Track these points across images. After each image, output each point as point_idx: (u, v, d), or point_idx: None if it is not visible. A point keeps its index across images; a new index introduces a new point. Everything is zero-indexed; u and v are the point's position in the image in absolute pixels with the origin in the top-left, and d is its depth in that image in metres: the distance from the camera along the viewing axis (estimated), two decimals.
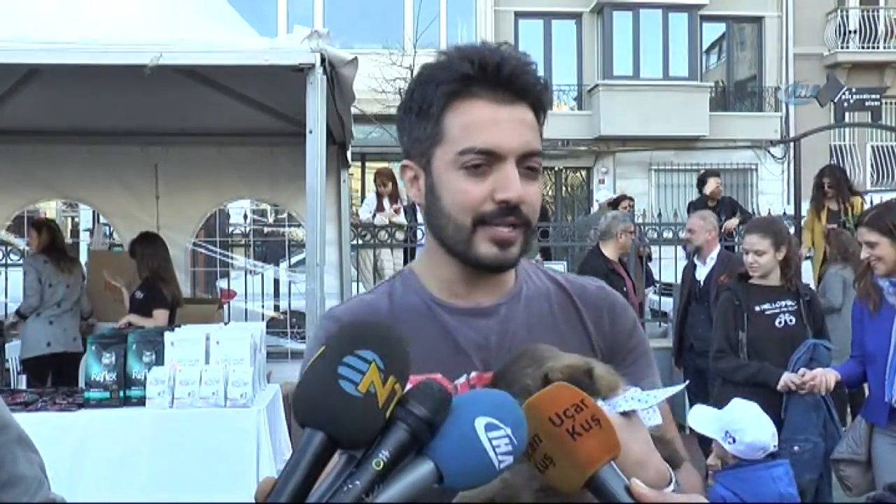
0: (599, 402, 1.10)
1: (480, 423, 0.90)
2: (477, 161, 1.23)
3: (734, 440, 3.40)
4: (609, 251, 6.18)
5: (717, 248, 6.10)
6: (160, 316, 5.65)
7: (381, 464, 0.86)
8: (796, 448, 3.97)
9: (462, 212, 1.25)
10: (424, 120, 1.27)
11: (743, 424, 3.42)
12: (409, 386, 0.94)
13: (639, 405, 1.11)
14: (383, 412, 0.89)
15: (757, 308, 4.32)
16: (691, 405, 3.95)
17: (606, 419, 0.98)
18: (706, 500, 1.01)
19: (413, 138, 1.30)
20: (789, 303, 4.31)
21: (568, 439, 0.95)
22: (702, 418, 3.61)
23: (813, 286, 6.30)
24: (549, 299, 1.39)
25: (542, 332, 1.33)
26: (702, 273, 6.08)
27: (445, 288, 1.34)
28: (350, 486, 0.85)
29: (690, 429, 3.69)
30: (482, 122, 1.24)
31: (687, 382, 1.63)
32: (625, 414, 1.09)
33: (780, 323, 4.30)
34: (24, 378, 5.64)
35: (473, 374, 1.28)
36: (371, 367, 0.89)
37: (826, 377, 3.96)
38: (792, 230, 8.50)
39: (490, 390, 1.01)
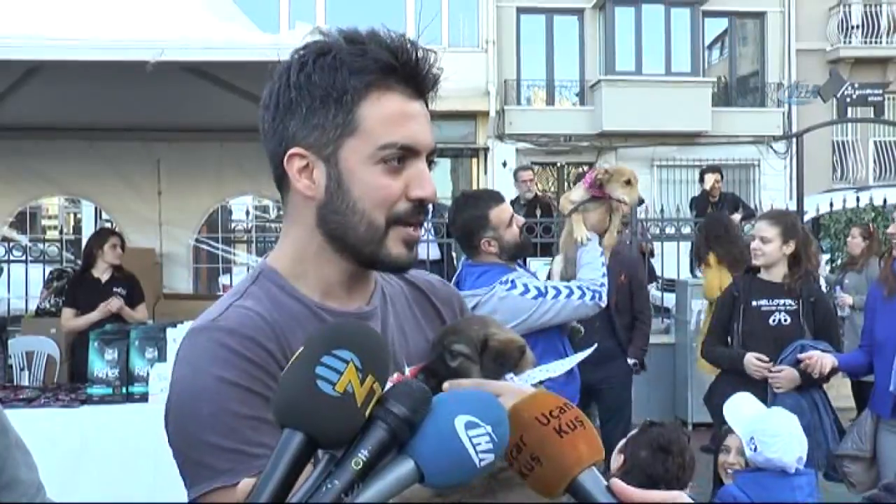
0: (513, 377, 1.14)
1: (460, 421, 0.90)
2: (397, 156, 1.19)
3: (756, 449, 3.26)
4: None
5: None
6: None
7: (361, 463, 0.86)
8: None
9: (377, 208, 1.19)
10: (331, 107, 1.18)
11: (772, 438, 3.27)
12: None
13: (551, 374, 1.18)
14: (362, 411, 0.89)
15: (754, 303, 4.30)
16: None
17: (589, 423, 0.99)
18: (689, 500, 1.00)
19: (311, 125, 1.19)
20: (789, 302, 4.24)
21: (555, 437, 0.96)
22: (738, 412, 3.51)
23: None
24: (406, 297, 1.38)
25: (410, 331, 1.33)
26: None
27: (322, 290, 1.26)
28: (329, 485, 0.85)
29: (694, 424, 3.67)
30: (401, 115, 1.19)
31: (591, 349, 1.66)
32: (537, 386, 1.15)
33: (773, 321, 4.26)
34: (26, 374, 5.66)
35: (396, 374, 1.25)
36: (348, 366, 0.88)
37: (822, 360, 3.93)
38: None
39: (472, 390, 1.02)
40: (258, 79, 5.08)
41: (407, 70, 1.19)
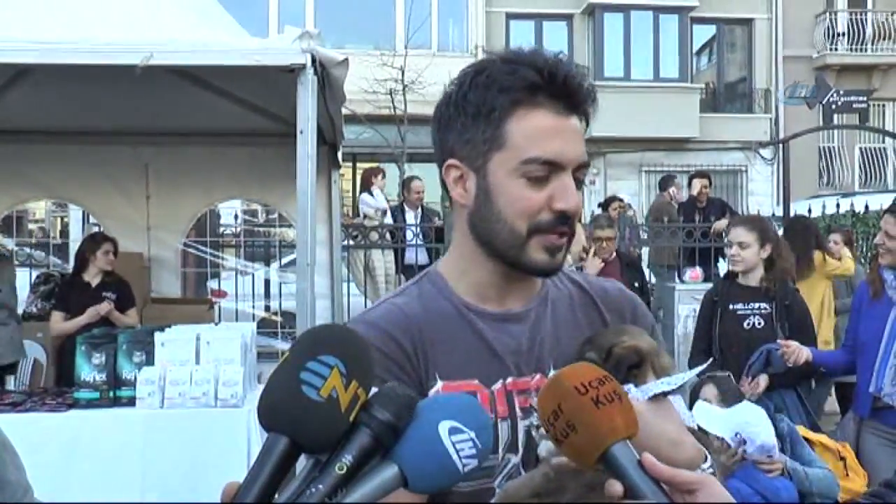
0: (632, 388, 1.15)
1: (444, 427, 0.92)
2: (540, 172, 1.24)
3: (745, 441, 3.34)
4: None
5: None
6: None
7: (345, 467, 0.87)
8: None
9: (519, 218, 1.25)
10: (482, 123, 1.25)
11: (755, 427, 3.38)
12: (451, 393, 0.95)
13: (667, 387, 1.17)
14: (346, 416, 0.90)
15: (731, 307, 4.35)
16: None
17: (627, 397, 1.01)
18: (716, 481, 1.02)
19: (464, 139, 1.28)
20: (763, 305, 4.30)
21: (592, 406, 0.98)
22: (709, 416, 3.51)
23: None
24: (572, 302, 1.40)
25: (567, 335, 1.35)
26: None
27: (477, 292, 1.34)
28: (313, 489, 0.86)
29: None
30: (546, 131, 1.24)
31: (707, 363, 1.60)
32: (655, 399, 1.15)
33: (748, 324, 4.31)
34: (12, 379, 5.62)
35: (510, 379, 1.29)
36: (333, 371, 0.89)
37: (799, 351, 3.96)
38: (781, 231, 8.55)
39: (455, 394, 1.02)
40: (247, 83, 5.11)
41: (554, 87, 1.24)
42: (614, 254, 6.23)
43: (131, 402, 4.12)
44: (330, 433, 0.89)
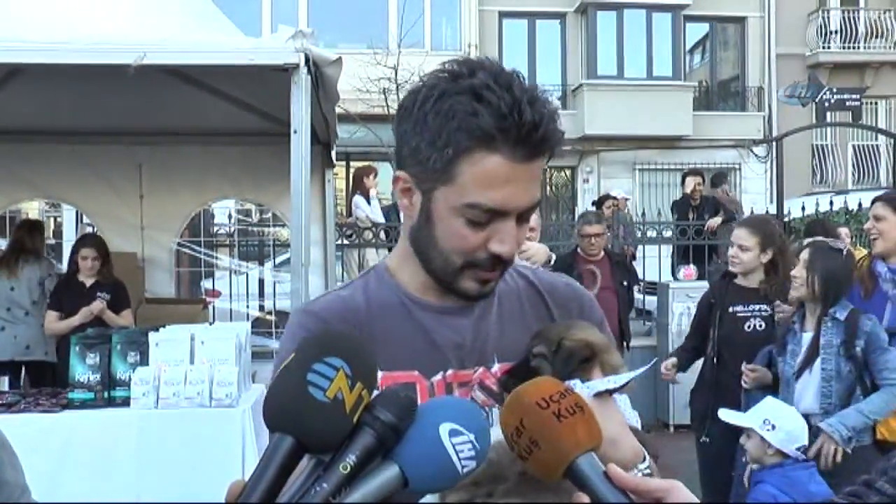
0: (578, 383, 1.15)
1: (445, 429, 0.93)
2: (481, 218, 1.22)
3: (774, 427, 3.30)
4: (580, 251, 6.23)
5: None
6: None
7: (349, 467, 0.89)
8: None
9: (455, 252, 1.26)
10: (435, 153, 1.21)
11: (781, 414, 3.37)
12: (380, 384, 0.96)
13: (613, 385, 1.18)
14: (350, 417, 0.91)
15: (731, 309, 4.32)
16: None
17: (589, 409, 1.01)
18: (686, 490, 1.02)
19: (416, 159, 1.24)
20: (764, 308, 4.27)
21: (554, 421, 0.98)
22: (734, 414, 3.57)
23: None
24: (520, 297, 1.41)
25: (513, 329, 1.35)
26: None
27: (421, 286, 1.34)
28: (318, 488, 0.88)
29: (675, 426, 3.71)
30: (497, 179, 1.20)
31: (651, 364, 1.55)
32: (599, 396, 1.16)
33: (748, 327, 4.28)
34: (6, 380, 5.60)
35: (450, 371, 1.30)
36: (339, 373, 0.91)
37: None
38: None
39: (454, 397, 1.03)
40: (240, 82, 5.10)
41: (513, 136, 1.18)
42: (602, 252, 6.17)
43: (126, 402, 4.11)
44: (335, 434, 0.91)
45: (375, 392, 0.96)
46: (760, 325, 4.27)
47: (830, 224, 6.52)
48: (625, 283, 6.22)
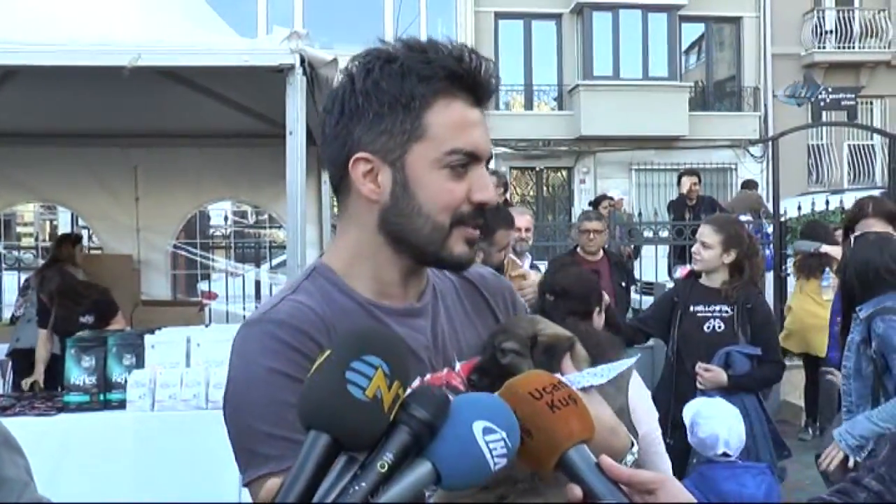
0: (558, 377, 1.16)
1: (478, 426, 0.94)
2: (462, 161, 1.22)
3: (693, 431, 3.46)
4: (580, 251, 6.24)
5: None
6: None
7: (386, 466, 0.89)
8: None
9: (443, 211, 1.23)
10: (398, 113, 1.21)
11: (706, 419, 3.43)
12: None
13: (601, 380, 1.19)
14: (388, 416, 0.91)
15: (692, 308, 4.26)
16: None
17: (582, 401, 1.02)
18: (677, 481, 1.02)
19: (378, 130, 1.22)
20: (725, 308, 4.19)
21: (548, 412, 0.98)
22: (688, 405, 3.65)
23: None
24: (458, 291, 1.41)
25: (461, 325, 1.36)
26: None
27: (377, 288, 1.29)
28: (356, 486, 0.87)
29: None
30: (465, 123, 1.23)
31: (636, 359, 1.54)
32: (584, 390, 1.16)
33: (707, 327, 4.22)
34: (0, 382, 5.58)
35: (428, 375, 1.28)
36: (378, 372, 0.91)
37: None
38: (770, 229, 8.57)
39: (485, 394, 1.03)
40: (236, 83, 5.07)
41: (470, 78, 1.22)
42: (602, 252, 6.16)
43: (122, 405, 4.09)
44: (373, 432, 0.91)
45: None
46: (720, 326, 4.20)
47: (825, 223, 6.53)
48: (623, 284, 6.22)
